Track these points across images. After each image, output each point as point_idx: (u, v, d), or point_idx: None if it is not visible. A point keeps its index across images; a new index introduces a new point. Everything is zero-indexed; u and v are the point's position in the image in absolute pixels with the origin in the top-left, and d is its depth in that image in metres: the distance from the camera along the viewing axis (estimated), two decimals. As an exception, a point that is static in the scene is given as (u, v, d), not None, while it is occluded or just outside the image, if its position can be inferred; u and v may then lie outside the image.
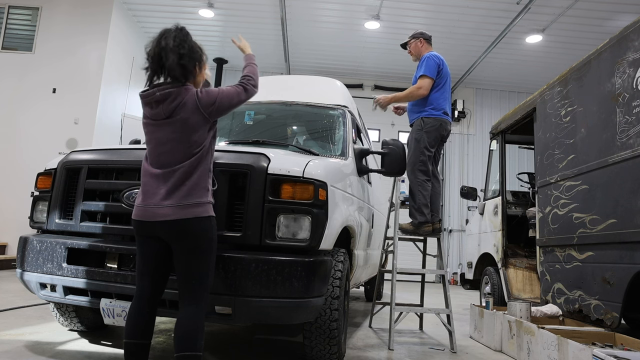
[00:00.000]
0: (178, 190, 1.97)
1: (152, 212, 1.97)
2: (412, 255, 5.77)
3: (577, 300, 3.71)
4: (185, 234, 1.96)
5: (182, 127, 2.00)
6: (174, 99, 2.00)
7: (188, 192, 1.97)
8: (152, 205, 1.97)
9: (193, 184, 1.99)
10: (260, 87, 2.36)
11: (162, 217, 1.95)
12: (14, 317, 3.67)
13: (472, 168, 11.78)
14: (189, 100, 2.01)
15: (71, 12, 8.72)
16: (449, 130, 3.95)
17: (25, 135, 8.28)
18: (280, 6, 8.52)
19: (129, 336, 2.02)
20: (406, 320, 4.73)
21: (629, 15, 7.82)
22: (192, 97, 2.02)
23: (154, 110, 2.03)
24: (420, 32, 4.15)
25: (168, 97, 2.00)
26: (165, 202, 1.95)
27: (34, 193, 2.91)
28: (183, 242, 1.98)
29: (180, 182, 1.98)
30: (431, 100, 3.86)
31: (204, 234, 1.99)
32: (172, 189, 1.97)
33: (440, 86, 3.89)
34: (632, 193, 3.12)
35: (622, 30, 3.42)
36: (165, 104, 2.01)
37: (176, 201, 1.95)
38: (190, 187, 1.98)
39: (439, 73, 3.87)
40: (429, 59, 3.88)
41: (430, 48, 4.11)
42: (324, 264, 2.44)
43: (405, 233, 3.92)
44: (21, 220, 6.80)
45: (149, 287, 2.07)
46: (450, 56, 10.28)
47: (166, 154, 2.01)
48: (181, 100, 2.00)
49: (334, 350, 2.66)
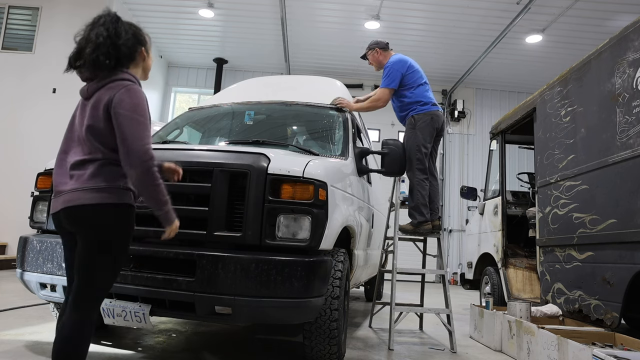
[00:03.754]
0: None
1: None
2: (412, 255, 5.77)
3: (577, 300, 3.71)
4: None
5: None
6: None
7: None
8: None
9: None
10: (261, 87, 2.35)
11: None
12: (14, 317, 3.67)
13: (472, 168, 11.78)
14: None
15: (71, 12, 8.71)
16: (442, 122, 3.95)
17: (25, 135, 8.28)
18: (280, 6, 8.52)
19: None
20: (406, 320, 4.73)
21: (629, 15, 7.82)
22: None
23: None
24: (375, 41, 4.17)
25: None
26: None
27: (34, 193, 2.91)
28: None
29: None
30: (416, 96, 3.87)
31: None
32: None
33: (417, 82, 3.90)
34: (632, 193, 3.12)
35: (622, 30, 3.42)
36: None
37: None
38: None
39: (405, 76, 3.87)
40: (389, 69, 3.89)
41: (390, 53, 4.11)
42: (324, 264, 2.44)
43: (405, 233, 3.92)
44: (21, 220, 6.80)
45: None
46: (450, 56, 10.34)
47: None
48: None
49: (334, 350, 2.66)
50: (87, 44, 1.80)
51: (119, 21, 1.87)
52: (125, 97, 1.77)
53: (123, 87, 1.79)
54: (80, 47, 1.83)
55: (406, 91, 3.89)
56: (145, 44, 1.96)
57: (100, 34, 1.80)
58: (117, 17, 1.88)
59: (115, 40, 1.82)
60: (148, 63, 2.00)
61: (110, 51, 1.80)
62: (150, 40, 2.02)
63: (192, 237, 2.39)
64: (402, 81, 3.88)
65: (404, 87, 3.89)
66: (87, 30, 1.85)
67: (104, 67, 1.81)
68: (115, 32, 1.83)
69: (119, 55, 1.83)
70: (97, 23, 1.85)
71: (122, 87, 1.80)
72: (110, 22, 1.84)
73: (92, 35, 1.81)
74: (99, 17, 1.87)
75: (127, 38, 1.86)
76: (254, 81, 4.86)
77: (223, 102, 4.24)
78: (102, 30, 1.81)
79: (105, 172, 1.75)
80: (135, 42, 1.90)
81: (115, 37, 1.82)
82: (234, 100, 4.22)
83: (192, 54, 11.18)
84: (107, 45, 1.80)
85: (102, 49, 1.79)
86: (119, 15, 1.91)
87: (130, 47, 1.87)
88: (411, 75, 3.90)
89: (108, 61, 1.80)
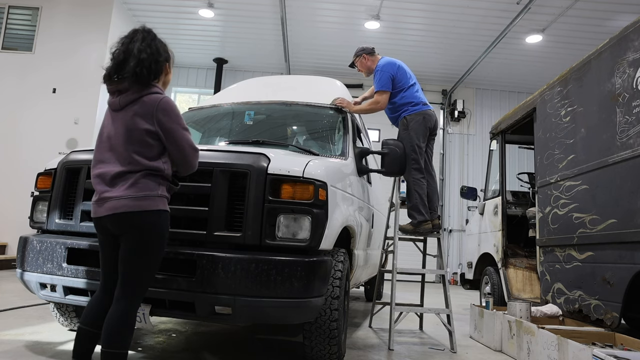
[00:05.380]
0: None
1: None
2: (412, 255, 5.78)
3: (577, 300, 3.71)
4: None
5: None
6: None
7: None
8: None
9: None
10: (261, 87, 2.35)
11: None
12: (14, 317, 3.67)
13: (472, 168, 11.78)
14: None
15: (71, 12, 8.72)
16: (434, 121, 3.97)
17: (25, 135, 8.28)
18: (280, 6, 8.52)
19: (86, 323, 2.01)
20: (406, 320, 4.73)
21: (629, 15, 7.83)
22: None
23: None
24: (360, 48, 4.19)
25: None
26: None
27: (34, 193, 2.91)
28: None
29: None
30: (407, 97, 3.89)
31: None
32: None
33: (407, 83, 3.92)
34: (632, 193, 3.12)
35: (622, 30, 3.42)
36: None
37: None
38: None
39: (396, 78, 3.89)
40: (380, 72, 3.90)
41: (377, 57, 4.12)
42: (324, 264, 2.43)
43: (406, 233, 3.92)
44: (21, 220, 6.81)
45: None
46: (450, 56, 10.34)
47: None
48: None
49: (334, 350, 2.66)
50: (129, 58, 1.97)
51: (156, 38, 2.09)
52: (168, 110, 1.99)
53: (159, 101, 1.99)
54: (120, 60, 1.99)
55: (397, 93, 3.91)
56: (169, 59, 2.15)
57: (143, 50, 2.01)
58: (154, 34, 2.09)
59: (157, 57, 2.03)
60: (169, 77, 2.19)
61: (152, 66, 2.00)
62: (173, 56, 2.21)
63: (192, 237, 2.39)
64: (393, 83, 3.90)
65: (394, 89, 3.91)
66: (125, 44, 2.02)
67: (144, 81, 1.99)
68: (157, 50, 2.04)
69: (157, 70, 2.04)
70: (135, 38, 2.03)
71: (158, 100, 1.99)
72: (151, 39, 2.05)
73: (135, 50, 1.98)
74: (136, 31, 2.05)
75: (165, 57, 2.08)
76: (254, 81, 4.86)
77: (223, 102, 4.24)
78: (144, 46, 2.00)
79: (146, 182, 1.95)
80: (166, 58, 2.11)
81: (157, 54, 2.04)
82: (234, 100, 4.22)
83: (192, 54, 11.18)
84: (150, 61, 1.99)
85: (145, 63, 1.98)
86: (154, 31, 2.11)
87: (163, 63, 2.08)
88: (401, 77, 3.92)
89: (150, 76, 2.00)
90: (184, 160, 2.05)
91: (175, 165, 2.08)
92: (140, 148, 1.95)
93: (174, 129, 1.98)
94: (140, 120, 1.95)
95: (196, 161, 2.10)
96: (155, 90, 2.02)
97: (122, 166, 1.94)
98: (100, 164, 2.00)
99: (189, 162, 2.07)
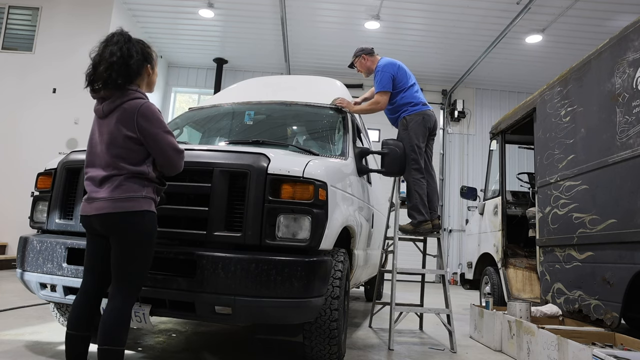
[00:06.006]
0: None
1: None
2: (412, 255, 5.77)
3: (577, 300, 3.71)
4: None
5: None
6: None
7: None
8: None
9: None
10: (261, 87, 2.36)
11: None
12: (14, 317, 3.67)
13: (472, 168, 11.78)
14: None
15: (71, 12, 8.72)
16: (434, 121, 3.97)
17: (25, 135, 8.28)
18: (280, 6, 8.52)
19: (73, 328, 2.03)
20: (406, 320, 4.73)
21: (629, 15, 7.82)
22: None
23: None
24: (360, 48, 4.18)
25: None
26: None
27: (34, 193, 2.91)
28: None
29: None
30: (407, 98, 3.90)
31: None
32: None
33: (407, 84, 3.93)
34: (632, 193, 3.12)
35: (622, 30, 3.42)
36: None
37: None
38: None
39: (396, 78, 3.89)
40: (381, 73, 3.89)
41: (376, 58, 4.12)
42: (324, 264, 2.43)
43: (406, 233, 3.92)
44: (21, 220, 6.80)
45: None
46: (450, 56, 10.34)
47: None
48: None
49: (334, 350, 2.66)
50: (101, 62, 1.99)
51: (131, 40, 2.07)
52: (149, 115, 2.00)
53: (140, 107, 2.00)
54: (95, 64, 2.01)
55: (397, 94, 3.91)
56: (151, 61, 2.15)
57: (113, 53, 1.99)
58: (129, 37, 2.07)
59: (127, 60, 2.01)
60: (153, 78, 2.20)
61: (122, 70, 1.99)
62: (157, 57, 2.20)
63: (192, 237, 2.39)
64: (393, 84, 3.89)
65: (394, 90, 3.91)
66: (101, 48, 2.03)
67: (115, 85, 1.99)
68: (127, 52, 2.02)
69: (128, 73, 2.02)
70: (110, 41, 2.03)
71: (138, 106, 2.00)
72: (123, 41, 2.03)
73: (106, 54, 1.99)
74: (112, 35, 2.06)
75: (137, 58, 2.05)
76: (254, 81, 4.86)
77: (223, 102, 4.24)
78: (115, 49, 2.00)
79: (130, 184, 1.99)
80: (143, 60, 2.09)
81: (128, 57, 2.02)
82: (234, 100, 4.22)
83: (192, 54, 11.18)
84: (119, 64, 1.99)
85: (114, 67, 1.98)
86: (130, 35, 2.10)
87: (139, 65, 2.07)
88: (401, 77, 3.92)
89: (120, 80, 1.99)
90: (168, 163, 2.08)
91: (160, 167, 2.11)
92: (124, 154, 1.99)
93: (155, 134, 2.01)
94: (122, 127, 1.99)
95: (181, 162, 2.13)
96: (136, 96, 2.04)
97: (108, 172, 2.00)
98: (90, 167, 2.07)
99: (173, 165, 2.10)
